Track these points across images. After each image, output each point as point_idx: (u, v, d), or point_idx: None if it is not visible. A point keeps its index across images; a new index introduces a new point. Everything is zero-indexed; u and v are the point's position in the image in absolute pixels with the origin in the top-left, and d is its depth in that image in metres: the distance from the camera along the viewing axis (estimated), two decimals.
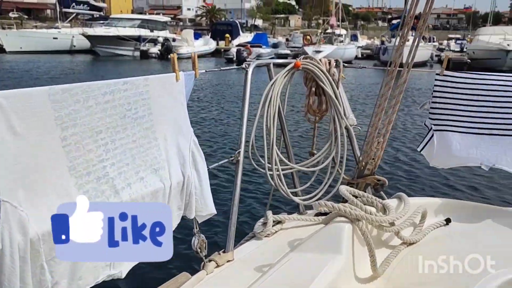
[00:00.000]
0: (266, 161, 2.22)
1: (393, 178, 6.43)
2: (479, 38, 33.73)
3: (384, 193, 2.42)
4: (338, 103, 2.35)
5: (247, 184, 5.84)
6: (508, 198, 5.76)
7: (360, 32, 56.69)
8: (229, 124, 10.79)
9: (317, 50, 31.17)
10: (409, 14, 2.19)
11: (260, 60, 2.45)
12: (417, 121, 10.33)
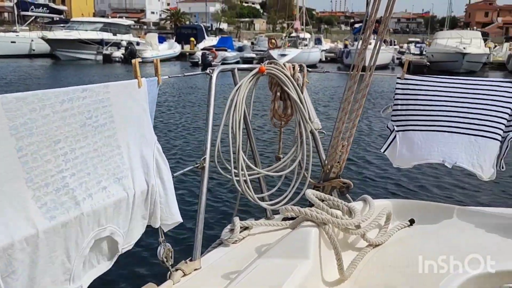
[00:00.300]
0: (232, 166, 2.21)
1: (358, 181, 6.54)
2: (437, 41, 34.96)
3: (349, 196, 2.44)
4: (303, 107, 2.37)
5: (214, 190, 5.80)
6: (469, 197, 5.97)
7: (323, 36, 57.65)
8: (194, 130, 10.64)
9: (282, 54, 31.46)
10: (370, 19, 2.22)
11: (224, 65, 2.43)
12: (379, 123, 10.57)
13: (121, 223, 1.68)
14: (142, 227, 1.80)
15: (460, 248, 2.05)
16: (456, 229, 2.27)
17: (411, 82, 2.55)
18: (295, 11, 41.50)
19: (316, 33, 52.35)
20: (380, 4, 2.13)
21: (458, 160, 2.43)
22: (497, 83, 2.46)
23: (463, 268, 1.85)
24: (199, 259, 1.95)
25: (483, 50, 33.09)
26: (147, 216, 1.81)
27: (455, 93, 2.47)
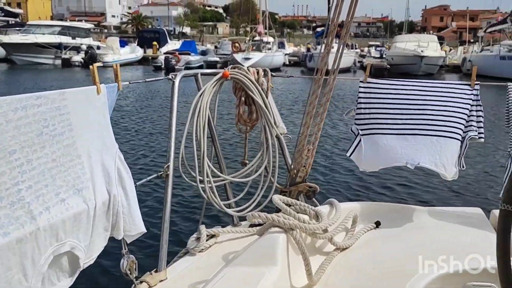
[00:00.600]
0: (197, 173, 2.17)
1: (324, 184, 6.60)
2: (396, 45, 36.04)
3: (316, 200, 2.45)
4: (268, 112, 2.36)
5: (179, 198, 5.70)
6: (433, 197, 6.13)
7: (286, 40, 58.22)
8: (158, 137, 10.38)
9: (246, 57, 31.54)
10: (332, 23, 2.24)
11: (187, 70, 2.39)
12: (343, 126, 10.74)
13: (82, 236, 1.61)
14: (104, 240, 1.74)
15: (426, 248, 2.09)
16: (421, 229, 2.31)
17: (373, 86, 2.59)
18: (258, 15, 41.73)
19: (279, 37, 52.80)
20: (341, 9, 2.15)
21: (421, 161, 2.46)
22: (454, 85, 2.53)
23: (428, 268, 1.88)
24: (165, 269, 1.90)
25: (439, 53, 34.38)
26: (109, 228, 1.74)
27: (415, 96, 2.53)
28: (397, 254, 2.05)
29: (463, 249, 2.08)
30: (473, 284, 1.89)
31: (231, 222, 2.48)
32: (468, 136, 2.45)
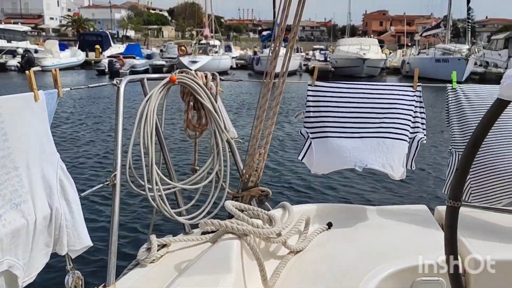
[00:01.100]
0: (145, 182, 2.09)
1: (276, 188, 6.63)
2: (340, 48, 37.14)
3: (268, 204, 2.44)
4: (217, 116, 2.32)
5: (127, 208, 5.50)
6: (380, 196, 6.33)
7: (233, 43, 58.47)
8: (103, 144, 9.98)
9: (193, 61, 31.30)
10: (280, 27, 2.24)
11: (132, 75, 2.31)
12: (294, 129, 10.86)
13: (21, 254, 1.50)
14: (46, 256, 1.62)
15: (377, 246, 2.13)
16: (371, 228, 2.36)
17: (321, 89, 2.63)
18: (204, 19, 41.57)
19: (226, 40, 52.90)
20: (289, 13, 2.15)
21: (369, 163, 2.51)
22: (398, 87, 2.62)
23: (380, 266, 1.92)
24: (113, 284, 1.81)
25: (380, 56, 35.82)
26: (52, 243, 1.64)
27: (362, 99, 2.59)
28: (350, 254, 2.07)
29: (412, 245, 2.14)
30: (422, 279, 1.95)
31: (182, 231, 2.42)
32: (419, 138, 2.53)
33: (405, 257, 2.00)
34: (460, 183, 1.19)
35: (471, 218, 2.33)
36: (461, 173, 1.19)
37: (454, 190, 1.20)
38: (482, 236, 2.14)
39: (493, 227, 2.28)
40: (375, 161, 2.52)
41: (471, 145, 1.16)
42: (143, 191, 2.11)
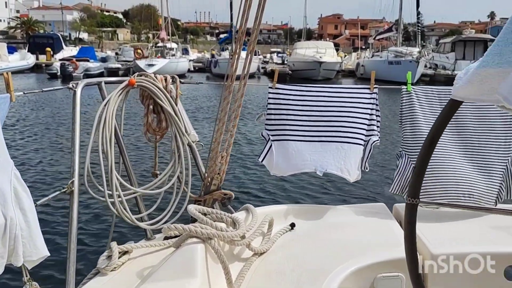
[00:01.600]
0: (105, 187, 2.04)
1: (239, 190, 6.62)
2: (297, 51, 37.67)
3: (231, 207, 2.43)
4: (178, 120, 2.30)
5: (86, 215, 5.33)
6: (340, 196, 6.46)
7: (190, 46, 58.01)
8: (59, 151, 9.63)
9: (150, 64, 30.82)
10: (240, 30, 2.25)
11: (89, 79, 2.24)
12: (257, 131, 10.89)
13: None
14: (1, 268, 1.55)
15: (339, 245, 2.17)
16: (333, 227, 2.40)
17: (281, 92, 2.66)
18: (160, 21, 41.00)
19: (183, 43, 52.38)
20: (249, 15, 2.16)
21: (328, 167, 2.61)
22: (356, 90, 2.68)
23: (343, 264, 1.96)
24: None
25: (336, 59, 36.63)
26: (6, 255, 1.56)
27: (321, 102, 2.64)
28: (313, 254, 2.10)
29: (372, 243, 2.20)
30: (382, 275, 2.00)
31: (144, 237, 2.37)
32: (372, 141, 2.61)
33: (366, 255, 2.05)
34: (418, 181, 1.23)
35: (427, 214, 2.42)
36: (419, 172, 1.23)
37: (413, 188, 1.24)
38: (438, 232, 2.23)
39: (448, 222, 2.38)
40: (334, 166, 2.61)
41: (427, 144, 1.20)
42: (103, 197, 2.05)
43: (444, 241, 2.13)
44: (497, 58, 0.97)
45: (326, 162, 2.60)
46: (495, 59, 0.98)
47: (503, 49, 0.96)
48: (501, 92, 0.97)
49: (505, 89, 0.95)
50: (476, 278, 1.99)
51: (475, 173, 2.50)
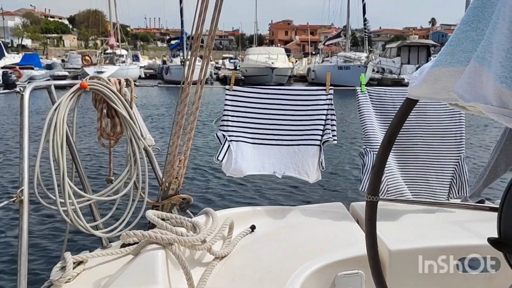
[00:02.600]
0: (57, 195, 1.95)
1: (198, 194, 6.54)
2: (249, 57, 37.92)
3: (191, 211, 2.39)
4: (133, 123, 2.23)
5: (38, 225, 5.06)
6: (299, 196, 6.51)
7: (140, 53, 57.06)
8: (7, 159, 9.17)
9: (98, 71, 30.01)
10: (196, 36, 2.22)
11: (38, 82, 2.14)
12: (212, 135, 10.76)
13: None
14: None
15: (300, 245, 2.18)
16: (294, 228, 2.41)
17: (238, 94, 2.66)
18: (109, 27, 40.03)
19: (133, 49, 51.41)
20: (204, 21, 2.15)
21: (287, 170, 2.65)
22: (312, 91, 2.72)
23: (304, 264, 1.97)
24: None
25: (287, 65, 37.21)
26: None
27: (278, 104, 2.67)
28: (275, 255, 2.10)
29: (332, 241, 2.23)
30: (343, 273, 2.03)
31: (100, 245, 2.28)
32: (324, 139, 2.65)
33: (326, 254, 2.08)
34: (377, 179, 1.26)
35: (384, 211, 2.49)
36: (378, 169, 1.25)
37: (372, 185, 1.26)
38: (395, 228, 2.30)
39: (404, 218, 2.46)
40: (292, 168, 2.66)
41: (385, 143, 1.23)
42: (54, 206, 1.96)
43: (401, 237, 2.19)
44: (450, 57, 1.01)
45: (285, 165, 2.65)
46: (447, 58, 1.01)
47: (455, 49, 1.00)
48: (456, 90, 1.01)
49: (460, 87, 0.99)
50: (432, 271, 2.06)
51: (427, 170, 2.60)
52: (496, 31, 0.91)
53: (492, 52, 0.91)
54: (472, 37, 0.98)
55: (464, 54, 0.99)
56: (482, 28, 0.96)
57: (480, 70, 0.94)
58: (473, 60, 0.97)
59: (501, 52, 0.87)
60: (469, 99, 0.98)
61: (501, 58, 0.87)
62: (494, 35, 0.91)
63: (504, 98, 0.88)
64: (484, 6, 0.95)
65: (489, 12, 0.95)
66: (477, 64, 0.95)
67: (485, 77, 0.93)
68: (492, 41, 0.91)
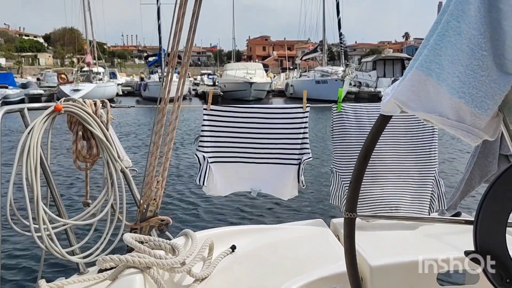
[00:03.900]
0: (31, 221, 1.89)
1: (177, 215, 6.45)
2: (227, 73, 38.11)
3: (170, 233, 2.36)
4: (110, 145, 2.20)
5: (11, 252, 4.89)
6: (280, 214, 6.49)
7: (118, 70, 56.73)
8: None
9: (75, 89, 29.68)
10: (172, 53, 2.22)
11: (10, 105, 2.09)
12: (190, 154, 10.72)
13: None
14: None
15: (281, 264, 2.17)
16: (274, 246, 2.40)
17: (216, 113, 2.66)
18: (85, 45, 39.73)
19: (110, 67, 51.07)
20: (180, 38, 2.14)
21: (262, 188, 2.71)
22: (290, 109, 2.73)
23: (286, 282, 1.96)
24: None
25: (266, 80, 37.52)
26: None
27: (256, 123, 2.68)
28: (255, 275, 2.08)
29: (313, 259, 2.23)
30: None
31: (77, 271, 2.22)
32: (303, 160, 2.67)
33: (307, 272, 2.07)
34: (354, 196, 1.26)
35: (363, 227, 2.50)
36: (354, 186, 1.26)
37: (349, 202, 1.27)
38: (375, 244, 2.31)
39: (384, 234, 2.47)
40: (268, 186, 2.71)
41: (361, 159, 1.24)
42: (28, 231, 1.90)
43: (381, 252, 2.20)
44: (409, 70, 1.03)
45: (260, 183, 2.71)
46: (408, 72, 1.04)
47: (413, 63, 1.02)
48: (398, 97, 1.02)
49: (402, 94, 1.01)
50: (412, 285, 2.07)
51: (403, 185, 2.63)
52: (447, 44, 0.92)
53: (442, 64, 0.92)
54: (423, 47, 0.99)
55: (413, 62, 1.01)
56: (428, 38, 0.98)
57: (425, 79, 0.95)
58: (415, 69, 0.98)
59: (459, 67, 0.89)
60: (414, 108, 0.99)
61: (458, 73, 0.89)
62: (443, 48, 0.92)
63: (461, 113, 0.89)
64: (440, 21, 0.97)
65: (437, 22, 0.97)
66: (421, 73, 0.96)
67: (433, 88, 0.94)
68: (440, 54, 0.93)
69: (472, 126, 0.88)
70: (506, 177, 1.00)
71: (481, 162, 2.26)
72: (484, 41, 0.85)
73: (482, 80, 0.85)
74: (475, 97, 0.86)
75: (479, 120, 0.87)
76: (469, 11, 0.87)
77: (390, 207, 2.57)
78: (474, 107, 0.86)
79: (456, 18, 0.90)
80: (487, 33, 0.85)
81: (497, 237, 1.02)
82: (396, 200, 2.60)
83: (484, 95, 0.86)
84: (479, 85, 0.86)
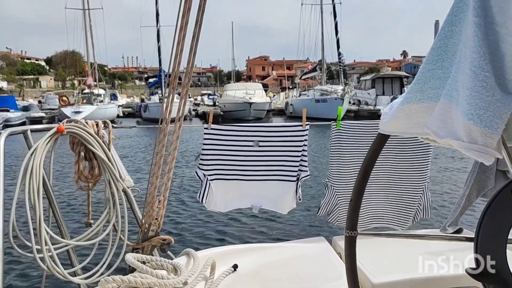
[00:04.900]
0: (33, 242, 1.90)
1: (179, 234, 6.41)
2: (227, 93, 38.33)
3: (172, 252, 2.36)
4: (112, 165, 2.22)
5: (13, 273, 4.89)
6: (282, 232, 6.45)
7: (118, 91, 57.11)
8: None
9: (76, 111, 29.81)
10: (173, 75, 2.26)
11: (14, 128, 2.12)
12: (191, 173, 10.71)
13: None
14: None
15: (283, 283, 2.17)
16: (276, 265, 2.39)
17: (217, 132, 2.69)
18: (86, 67, 40.10)
19: (111, 88, 51.42)
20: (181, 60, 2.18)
21: (263, 204, 2.75)
22: (289, 127, 2.75)
23: None
24: None
25: (265, 99, 37.73)
26: None
27: (253, 141, 2.71)
28: None
29: (315, 277, 2.22)
30: None
31: None
32: (301, 177, 2.70)
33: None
34: (354, 214, 1.27)
35: (367, 244, 2.50)
36: (355, 204, 1.27)
37: (350, 221, 1.28)
38: (376, 261, 2.31)
39: (387, 250, 2.47)
40: (268, 202, 2.76)
41: (361, 177, 1.26)
42: (30, 253, 1.91)
43: (383, 269, 2.20)
44: (419, 94, 1.06)
45: (261, 199, 2.74)
46: (417, 95, 1.06)
47: (423, 86, 1.05)
48: (430, 127, 1.05)
49: (433, 124, 1.03)
50: None
51: (390, 198, 2.74)
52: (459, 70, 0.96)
53: (458, 90, 0.96)
54: (438, 75, 1.03)
55: (433, 91, 1.04)
56: (447, 67, 1.01)
57: (449, 107, 0.98)
58: (442, 97, 1.01)
59: (466, 90, 0.92)
60: (442, 136, 1.02)
61: (466, 96, 0.92)
62: (458, 74, 0.96)
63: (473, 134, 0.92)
64: (446, 46, 1.01)
65: (451, 51, 1.01)
66: (446, 101, 0.99)
67: (454, 114, 0.97)
68: (457, 80, 0.96)
69: (484, 145, 0.90)
70: (504, 194, 1.01)
71: (479, 177, 2.28)
72: (485, 62, 0.88)
73: (488, 101, 0.87)
74: (483, 117, 0.88)
75: (491, 140, 0.89)
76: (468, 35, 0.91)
77: (376, 219, 2.67)
78: (484, 126, 0.88)
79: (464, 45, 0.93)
80: (487, 55, 0.88)
81: (498, 254, 1.03)
82: (382, 211, 2.72)
83: (492, 115, 0.88)
84: (486, 106, 0.88)
